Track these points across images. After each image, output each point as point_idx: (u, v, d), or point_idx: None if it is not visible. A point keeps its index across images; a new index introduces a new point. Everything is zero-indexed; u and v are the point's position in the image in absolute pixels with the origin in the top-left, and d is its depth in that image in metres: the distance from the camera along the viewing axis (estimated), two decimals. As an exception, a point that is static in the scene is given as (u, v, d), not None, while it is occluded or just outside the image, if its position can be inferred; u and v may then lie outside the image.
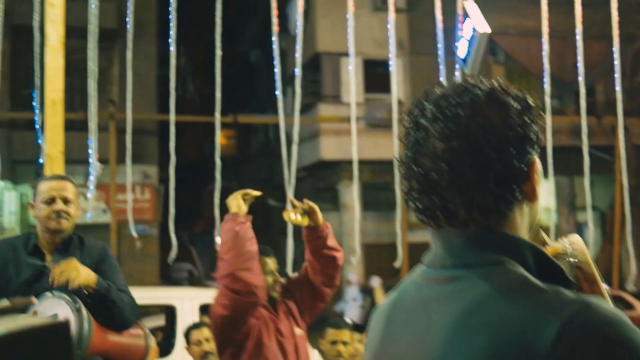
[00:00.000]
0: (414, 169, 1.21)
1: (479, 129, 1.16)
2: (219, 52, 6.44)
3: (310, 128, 16.66)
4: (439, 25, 7.55)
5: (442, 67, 8.28)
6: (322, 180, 17.92)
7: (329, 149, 16.42)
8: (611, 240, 14.16)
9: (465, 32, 6.61)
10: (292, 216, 3.85)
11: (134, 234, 8.28)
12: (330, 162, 16.61)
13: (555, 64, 12.58)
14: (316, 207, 3.94)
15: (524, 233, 1.22)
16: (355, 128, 6.91)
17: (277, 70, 6.26)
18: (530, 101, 1.22)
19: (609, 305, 1.10)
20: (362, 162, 14.13)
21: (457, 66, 8.17)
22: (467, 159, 1.15)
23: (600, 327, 1.05)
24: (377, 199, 15.89)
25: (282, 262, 5.20)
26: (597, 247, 14.83)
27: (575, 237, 1.38)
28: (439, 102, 1.19)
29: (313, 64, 17.10)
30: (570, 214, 17.23)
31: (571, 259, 1.33)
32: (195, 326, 5.29)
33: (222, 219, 3.84)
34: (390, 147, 14.58)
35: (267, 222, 20.35)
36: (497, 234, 1.18)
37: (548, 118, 6.05)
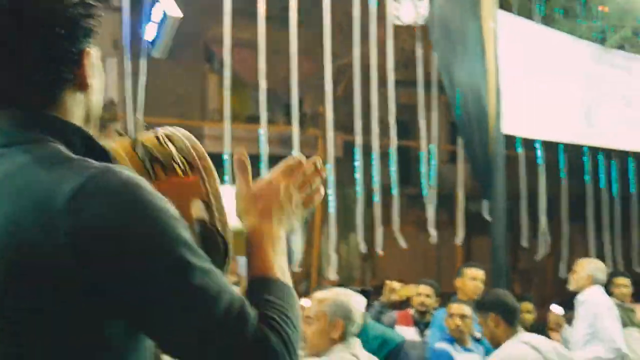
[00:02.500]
0: None
1: (32, 9, 1.20)
2: None
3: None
4: (126, 13, 7.45)
5: (128, 50, 8.13)
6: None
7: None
8: (312, 244, 14.99)
9: (155, 15, 6.78)
10: None
11: None
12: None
13: (268, 77, 13.09)
14: None
15: (78, 121, 1.27)
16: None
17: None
18: (91, 1, 1.28)
19: (131, 172, 1.17)
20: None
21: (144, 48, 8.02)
22: (17, 36, 1.20)
23: (116, 186, 1.12)
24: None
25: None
26: (304, 241, 15.54)
27: (178, 130, 1.45)
28: None
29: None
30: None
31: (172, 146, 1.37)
32: None
33: None
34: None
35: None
36: (45, 115, 1.23)
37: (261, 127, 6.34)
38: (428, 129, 6.90)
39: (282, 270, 1.26)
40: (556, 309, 8.55)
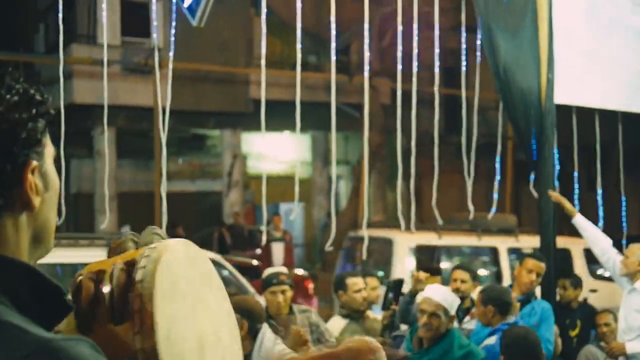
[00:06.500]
0: None
1: None
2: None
3: (63, 69, 15.77)
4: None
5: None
6: (75, 124, 17.10)
7: (82, 92, 15.62)
8: (358, 192, 14.95)
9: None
10: None
11: None
12: (84, 106, 15.86)
13: (312, 21, 12.90)
14: None
15: (22, 249, 1.02)
16: (109, 71, 6.61)
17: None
18: (38, 96, 1.02)
19: (78, 346, 0.93)
20: (117, 108, 13.65)
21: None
22: None
23: None
24: (133, 146, 15.44)
25: None
26: (347, 198, 15.54)
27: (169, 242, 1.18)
28: None
29: (68, 0, 16.08)
30: (324, 168, 17.99)
31: (141, 264, 1.11)
32: None
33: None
34: (148, 93, 14.26)
35: None
36: None
37: (298, 74, 6.15)
38: (472, 75, 6.66)
39: None
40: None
